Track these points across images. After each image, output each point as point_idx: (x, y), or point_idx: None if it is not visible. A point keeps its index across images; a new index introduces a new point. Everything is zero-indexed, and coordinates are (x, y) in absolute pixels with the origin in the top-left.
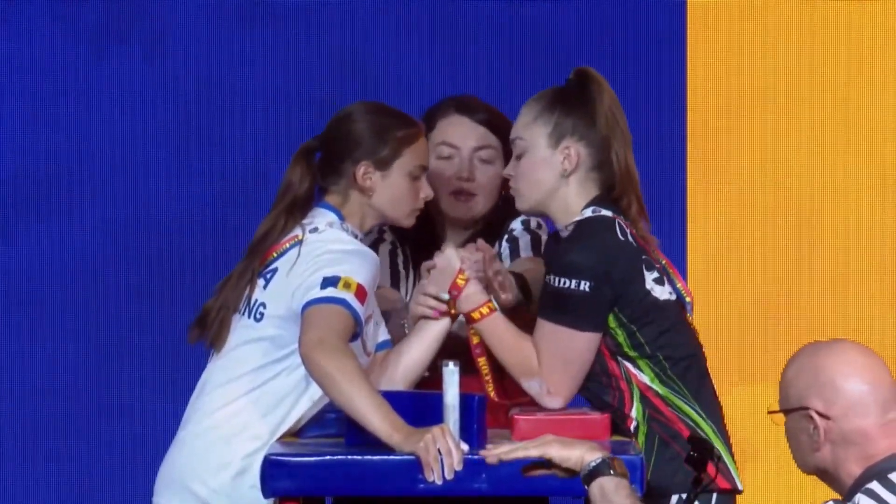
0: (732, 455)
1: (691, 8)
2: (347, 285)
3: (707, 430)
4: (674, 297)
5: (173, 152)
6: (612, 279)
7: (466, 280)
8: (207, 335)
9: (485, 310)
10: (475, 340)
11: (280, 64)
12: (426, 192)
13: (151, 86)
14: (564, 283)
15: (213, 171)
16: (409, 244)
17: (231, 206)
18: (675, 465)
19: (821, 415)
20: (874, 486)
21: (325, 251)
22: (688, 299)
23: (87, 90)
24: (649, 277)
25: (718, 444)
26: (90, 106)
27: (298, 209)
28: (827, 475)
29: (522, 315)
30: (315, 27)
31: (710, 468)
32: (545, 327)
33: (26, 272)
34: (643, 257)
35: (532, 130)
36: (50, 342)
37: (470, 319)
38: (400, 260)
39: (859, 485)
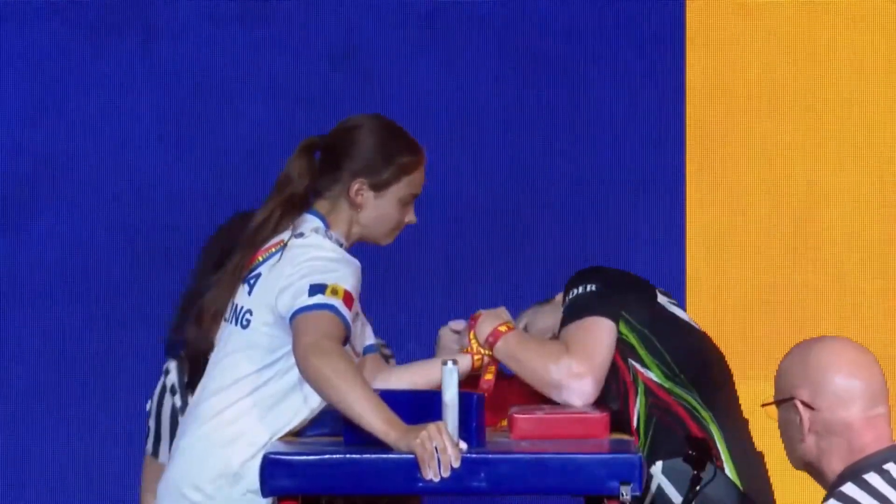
0: (737, 465)
1: (690, 7)
2: (335, 292)
3: (706, 416)
4: (698, 327)
5: (170, 146)
6: (616, 285)
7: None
8: (203, 332)
9: (503, 328)
10: (487, 377)
11: (277, 58)
12: (410, 217)
13: (149, 80)
14: (574, 292)
15: (210, 166)
16: None
17: (229, 200)
18: (666, 436)
19: (806, 405)
20: (847, 488)
21: (310, 258)
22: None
23: (85, 84)
24: (663, 298)
25: (721, 446)
26: (88, 100)
27: (295, 204)
28: (812, 468)
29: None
30: (312, 22)
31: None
32: (567, 328)
33: (24, 265)
34: (657, 288)
35: None
36: (49, 335)
37: (494, 337)
38: None
39: (835, 486)
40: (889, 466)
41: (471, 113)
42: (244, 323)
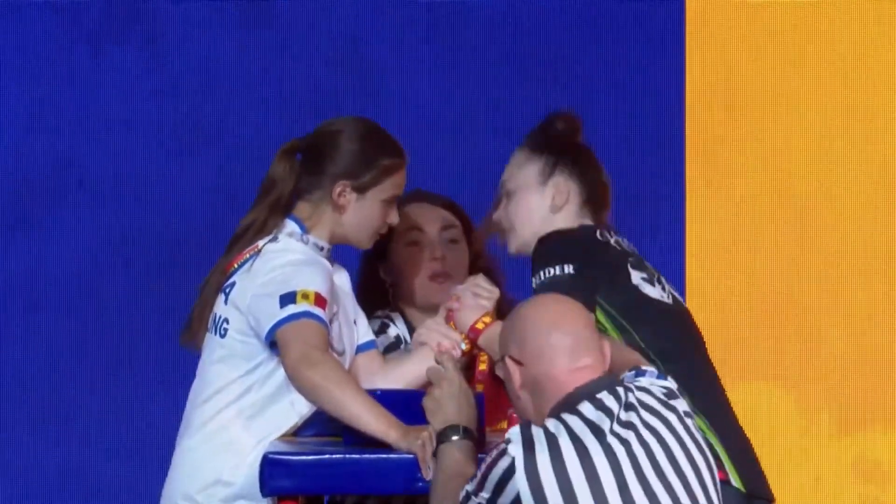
0: (738, 462)
1: (690, 8)
2: (305, 296)
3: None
4: (670, 300)
5: (171, 151)
6: (593, 263)
7: (458, 298)
8: (193, 336)
9: (487, 318)
10: (481, 367)
11: (278, 63)
12: (393, 218)
13: (150, 84)
14: (550, 272)
15: (211, 170)
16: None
17: (229, 205)
18: None
19: (515, 361)
20: (563, 414)
21: (274, 266)
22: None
23: (87, 88)
24: (636, 275)
25: (718, 448)
26: (88, 105)
27: (281, 207)
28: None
29: None
30: (314, 26)
31: None
32: None
33: (26, 273)
34: (629, 259)
35: (523, 171)
36: (50, 343)
37: (474, 333)
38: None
39: (550, 416)
40: (602, 395)
41: (472, 115)
42: (222, 332)
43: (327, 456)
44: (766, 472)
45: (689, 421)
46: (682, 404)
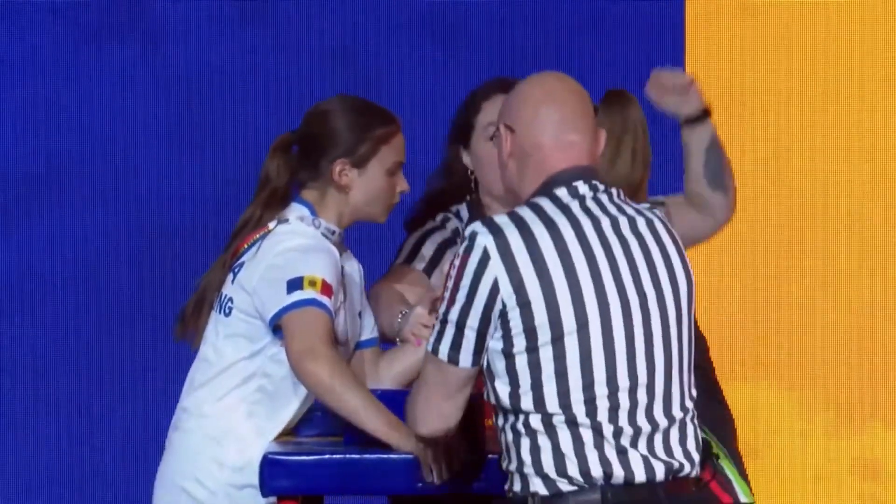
0: (740, 468)
1: (690, 8)
2: (313, 283)
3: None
4: None
5: (170, 148)
6: None
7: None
8: (187, 331)
9: None
10: None
11: (277, 61)
12: (402, 186)
13: (149, 83)
14: None
15: (209, 168)
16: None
17: (227, 202)
18: None
19: (508, 128)
20: (537, 199)
21: (282, 250)
22: None
23: (85, 87)
24: None
25: (717, 450)
26: (88, 102)
27: (277, 202)
28: (514, 194)
29: None
30: (312, 24)
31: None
32: None
33: (24, 268)
34: None
35: None
36: (48, 338)
37: None
38: None
39: (528, 199)
40: (578, 183)
41: None
42: (227, 311)
43: (327, 456)
44: (766, 472)
45: (669, 225)
46: (664, 215)
